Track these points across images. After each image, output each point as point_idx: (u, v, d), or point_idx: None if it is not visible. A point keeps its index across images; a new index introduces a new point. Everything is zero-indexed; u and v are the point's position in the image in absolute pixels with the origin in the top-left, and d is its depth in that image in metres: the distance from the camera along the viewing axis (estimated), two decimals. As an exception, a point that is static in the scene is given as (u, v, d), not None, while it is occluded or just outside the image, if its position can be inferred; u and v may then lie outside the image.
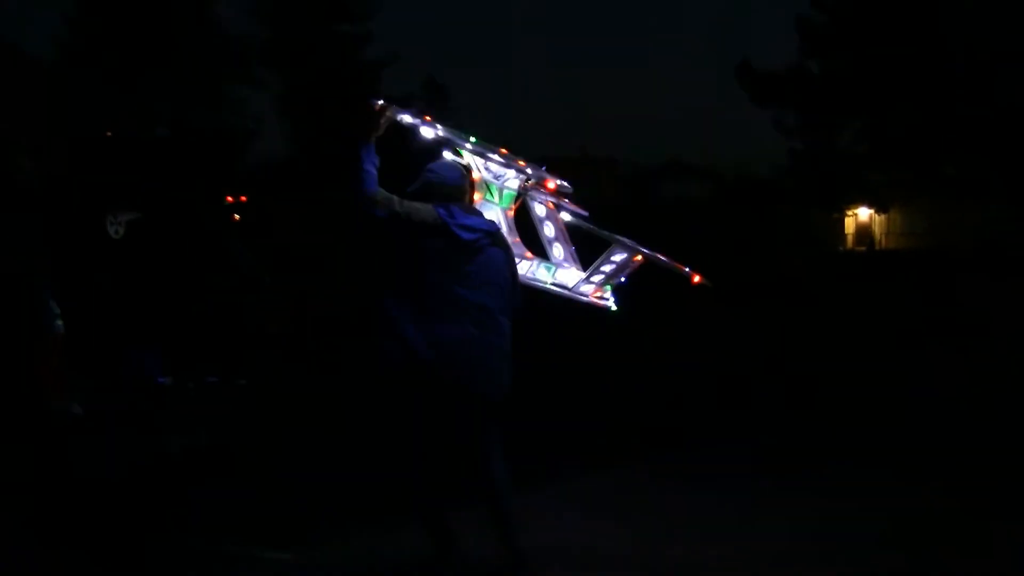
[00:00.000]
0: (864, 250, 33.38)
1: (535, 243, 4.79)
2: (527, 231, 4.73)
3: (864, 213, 36.68)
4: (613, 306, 4.80)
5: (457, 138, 4.34)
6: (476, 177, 4.45)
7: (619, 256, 4.65)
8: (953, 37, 30.15)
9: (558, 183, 4.56)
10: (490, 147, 4.41)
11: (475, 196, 4.46)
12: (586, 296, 4.77)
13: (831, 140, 33.75)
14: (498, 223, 4.47)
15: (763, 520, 5.54)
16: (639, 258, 4.67)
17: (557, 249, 4.79)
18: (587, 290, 4.74)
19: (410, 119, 4.22)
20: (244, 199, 10.40)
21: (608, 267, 4.69)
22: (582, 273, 4.73)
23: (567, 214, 4.73)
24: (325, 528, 5.29)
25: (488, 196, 4.50)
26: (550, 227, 4.77)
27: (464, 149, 4.38)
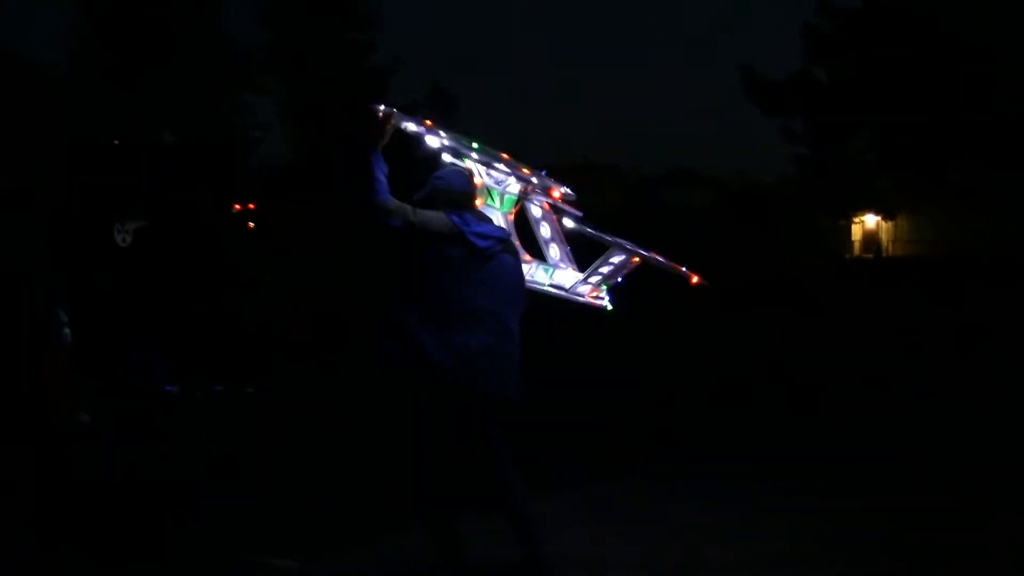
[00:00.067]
0: (871, 257, 33.31)
1: (531, 244, 4.82)
2: (521, 232, 4.74)
3: (871, 220, 36.63)
4: (609, 305, 4.84)
5: (460, 144, 4.34)
6: (478, 183, 4.47)
7: (617, 258, 4.69)
8: (959, 43, 30.13)
9: (563, 191, 4.57)
10: (493, 153, 4.41)
11: (476, 201, 4.47)
12: (583, 297, 4.80)
13: (838, 147, 33.70)
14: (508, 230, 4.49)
15: (765, 522, 5.57)
16: (637, 260, 4.70)
17: (553, 250, 4.82)
18: (584, 291, 4.78)
19: (414, 127, 4.22)
20: (252, 206, 10.40)
21: (606, 268, 4.73)
22: (579, 274, 4.76)
23: (569, 220, 4.75)
24: (331, 534, 5.30)
25: (489, 201, 4.52)
26: (546, 228, 4.79)
27: (467, 156, 4.39)
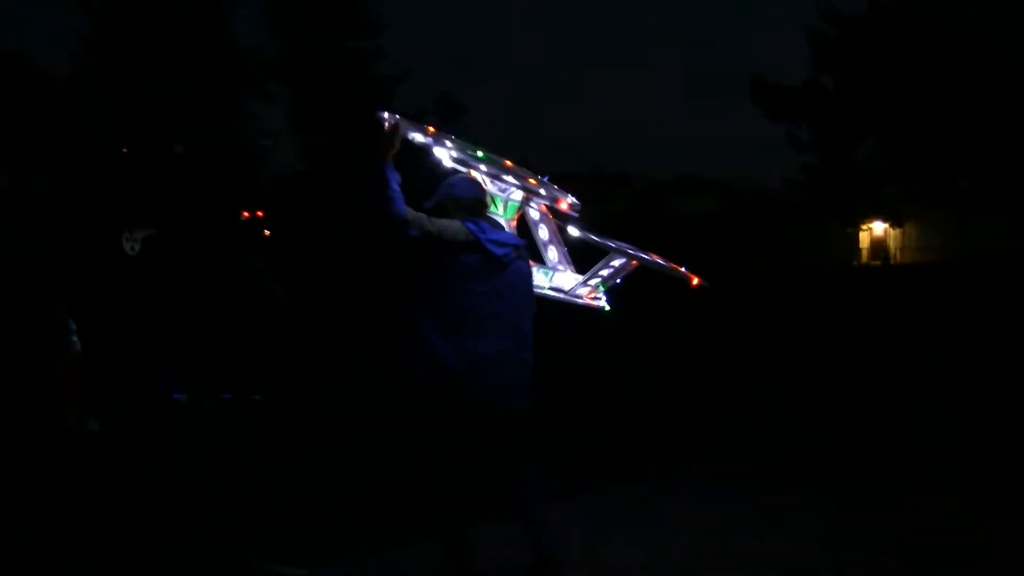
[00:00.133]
0: (879, 264, 33.27)
1: (529, 246, 4.82)
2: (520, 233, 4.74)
3: (879, 227, 36.59)
4: (606, 306, 4.88)
5: (465, 153, 4.33)
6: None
7: (617, 261, 4.74)
8: (966, 49, 30.09)
9: (570, 201, 4.56)
10: (499, 161, 4.41)
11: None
12: (581, 298, 4.84)
13: (845, 154, 33.68)
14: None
15: (767, 525, 5.58)
16: (636, 263, 4.75)
17: (552, 252, 4.87)
18: (583, 292, 4.83)
19: (421, 138, 4.23)
20: (260, 214, 10.41)
21: (606, 271, 4.79)
22: (578, 276, 4.81)
23: (574, 229, 4.76)
24: (339, 541, 5.29)
25: (492, 208, 4.54)
26: (545, 230, 4.83)
27: (473, 166, 4.39)
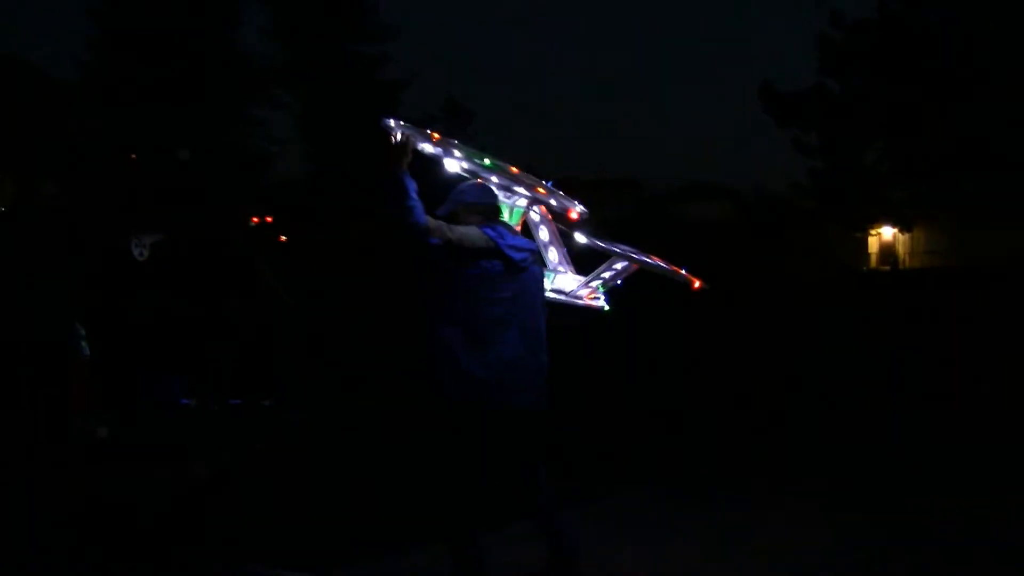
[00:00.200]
0: (888, 269, 33.17)
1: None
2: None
3: (888, 232, 36.49)
4: (605, 306, 4.89)
5: (473, 161, 4.34)
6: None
7: (619, 264, 4.76)
8: (973, 54, 30.04)
9: (580, 211, 4.57)
10: (505, 168, 4.42)
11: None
12: (582, 299, 4.85)
13: (853, 159, 33.61)
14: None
15: (769, 536, 5.62)
16: (637, 266, 4.76)
17: (552, 253, 4.86)
18: (583, 294, 4.83)
19: (431, 149, 4.23)
20: (270, 220, 10.44)
21: (608, 274, 4.82)
22: (578, 277, 4.82)
23: (581, 236, 4.77)
24: (348, 549, 5.30)
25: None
26: (545, 231, 4.82)
27: (483, 176, 4.40)
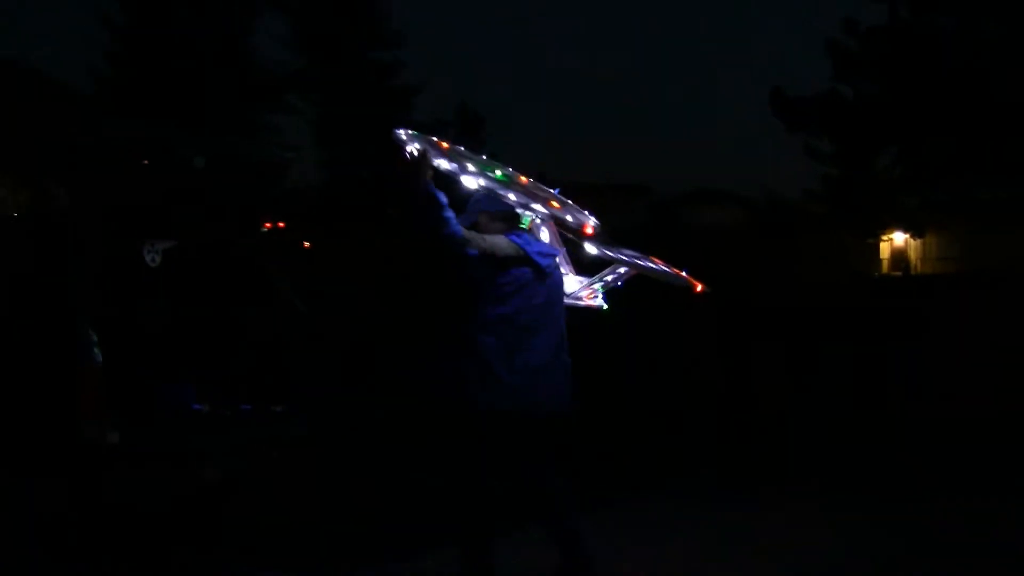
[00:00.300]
0: (900, 275, 33.09)
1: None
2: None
3: (900, 238, 36.41)
4: (604, 305, 4.97)
5: (484, 173, 4.33)
6: None
7: (622, 268, 4.86)
8: (986, 60, 29.96)
9: (594, 225, 4.58)
10: (516, 179, 4.42)
11: None
12: (582, 300, 4.92)
13: (865, 165, 33.54)
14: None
15: (777, 533, 5.77)
16: (638, 271, 4.83)
17: None
18: (584, 295, 4.91)
19: (447, 165, 4.24)
20: (282, 225, 10.43)
21: (610, 276, 4.92)
22: (579, 279, 4.90)
23: (591, 247, 4.78)
24: (357, 554, 5.31)
25: None
26: (545, 233, 4.86)
27: (500, 193, 4.40)
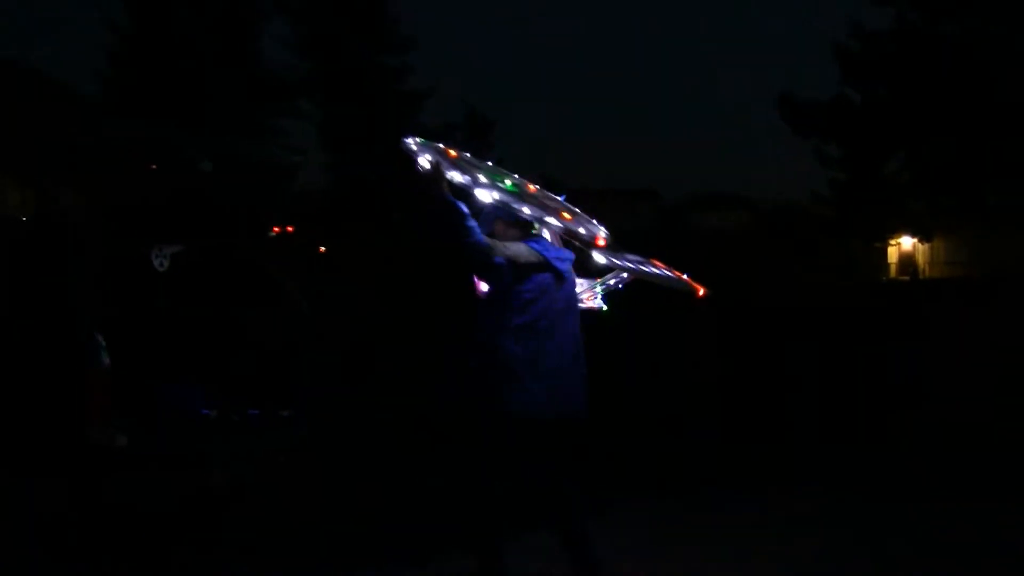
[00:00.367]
0: (908, 279, 33.02)
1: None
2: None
3: (908, 242, 36.35)
4: (604, 306, 5.00)
5: (494, 182, 4.33)
6: None
7: (624, 273, 4.83)
8: (994, 65, 29.88)
9: (606, 236, 4.59)
10: (524, 188, 4.42)
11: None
12: (582, 302, 4.90)
13: (873, 170, 33.49)
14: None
15: (777, 534, 5.72)
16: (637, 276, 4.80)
17: None
18: (584, 297, 4.92)
19: (460, 178, 4.22)
20: (291, 229, 10.44)
21: (613, 280, 4.95)
22: (579, 281, 4.85)
23: (600, 256, 4.78)
24: (366, 559, 5.32)
25: None
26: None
27: (511, 204, 4.40)
